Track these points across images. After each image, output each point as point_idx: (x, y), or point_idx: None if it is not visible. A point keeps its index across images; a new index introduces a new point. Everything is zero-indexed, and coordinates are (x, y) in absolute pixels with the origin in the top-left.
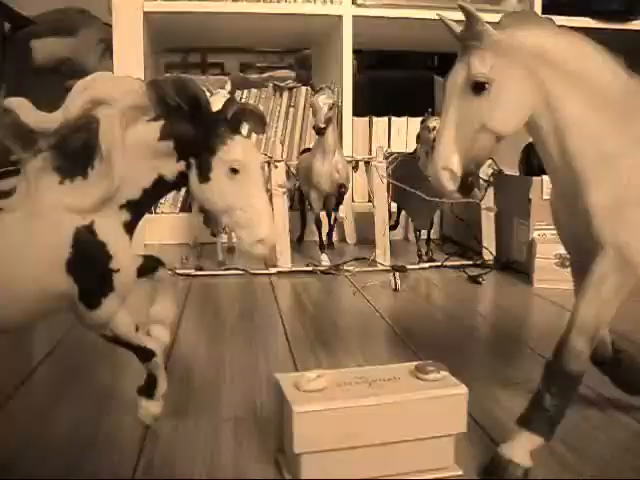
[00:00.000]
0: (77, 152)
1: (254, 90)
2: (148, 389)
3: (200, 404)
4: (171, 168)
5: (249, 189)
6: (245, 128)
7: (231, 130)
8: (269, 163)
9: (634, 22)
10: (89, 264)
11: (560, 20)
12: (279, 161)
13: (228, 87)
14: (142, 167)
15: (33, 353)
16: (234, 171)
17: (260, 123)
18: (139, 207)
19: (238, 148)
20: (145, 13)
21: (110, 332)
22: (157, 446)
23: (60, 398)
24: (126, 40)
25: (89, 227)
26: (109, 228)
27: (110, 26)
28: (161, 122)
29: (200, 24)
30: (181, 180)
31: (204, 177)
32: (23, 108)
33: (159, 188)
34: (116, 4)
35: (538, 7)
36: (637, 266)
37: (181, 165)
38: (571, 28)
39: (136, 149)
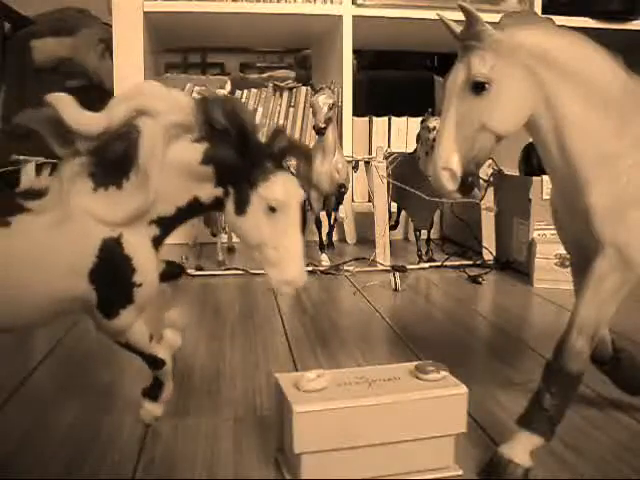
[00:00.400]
0: (114, 161)
1: (254, 90)
2: (153, 392)
3: (200, 404)
4: (208, 192)
5: (285, 228)
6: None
7: (275, 165)
8: None
9: (634, 22)
10: (112, 276)
11: (560, 20)
12: None
13: (228, 87)
14: (178, 186)
15: (33, 353)
16: (272, 209)
17: (307, 161)
18: (170, 223)
19: (279, 186)
20: (145, 13)
21: (124, 340)
22: (157, 446)
23: (60, 398)
24: (126, 40)
25: (117, 240)
26: (137, 242)
27: (110, 26)
28: (204, 145)
29: (200, 24)
30: (217, 204)
31: (240, 210)
32: (65, 106)
33: (193, 208)
34: (116, 4)
35: (538, 7)
36: (637, 266)
37: (219, 191)
38: (571, 28)
39: (175, 168)
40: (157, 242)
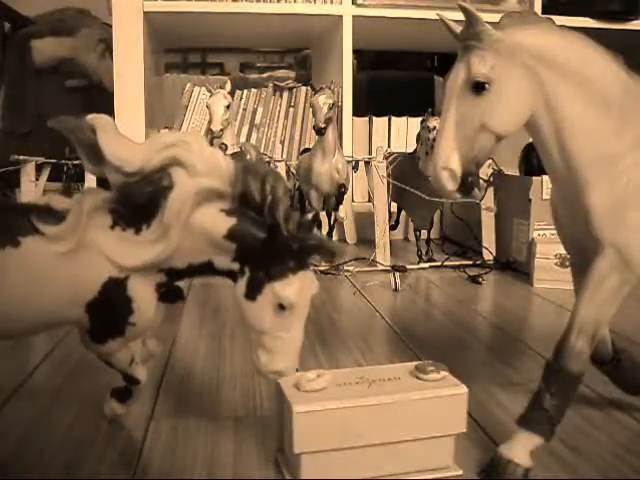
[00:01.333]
0: (139, 204)
1: (254, 90)
2: (122, 396)
3: (200, 404)
4: (224, 262)
5: (289, 324)
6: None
7: (297, 264)
8: (269, 163)
9: (634, 22)
10: (109, 312)
11: (560, 20)
12: (279, 161)
13: (228, 87)
14: (196, 248)
15: (33, 353)
16: (281, 306)
17: (330, 258)
18: (178, 275)
19: (295, 288)
20: (145, 13)
21: (105, 359)
22: (157, 446)
23: (60, 398)
24: (126, 40)
25: (122, 281)
26: (141, 286)
27: (110, 26)
28: (233, 220)
29: (200, 24)
30: (229, 274)
31: (250, 295)
32: (105, 132)
33: (205, 269)
34: (116, 4)
35: (538, 7)
36: (637, 266)
37: (235, 266)
38: (571, 28)
39: (197, 232)
40: (161, 287)
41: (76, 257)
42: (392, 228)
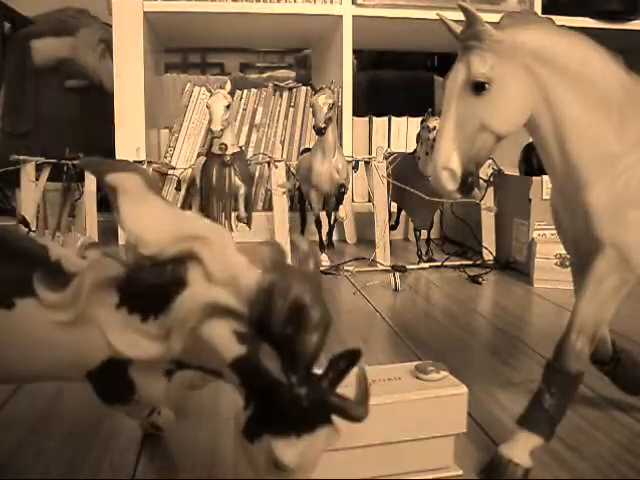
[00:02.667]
0: (149, 291)
1: (254, 90)
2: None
3: (200, 404)
4: (234, 382)
5: None
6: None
7: (304, 427)
8: (269, 163)
9: (634, 22)
10: (110, 387)
11: (560, 20)
12: (279, 161)
13: (228, 87)
14: (205, 357)
15: None
16: (277, 465)
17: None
18: (189, 366)
19: (295, 453)
20: (145, 13)
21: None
22: (157, 446)
23: (60, 398)
24: (126, 40)
25: (123, 364)
26: (145, 371)
27: (110, 26)
28: (242, 350)
29: (200, 24)
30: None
31: (247, 436)
32: (128, 198)
33: (218, 375)
34: (116, 4)
35: (538, 7)
36: (636, 266)
37: (242, 392)
38: (571, 28)
39: (207, 345)
40: (170, 373)
41: (76, 328)
42: (392, 228)
